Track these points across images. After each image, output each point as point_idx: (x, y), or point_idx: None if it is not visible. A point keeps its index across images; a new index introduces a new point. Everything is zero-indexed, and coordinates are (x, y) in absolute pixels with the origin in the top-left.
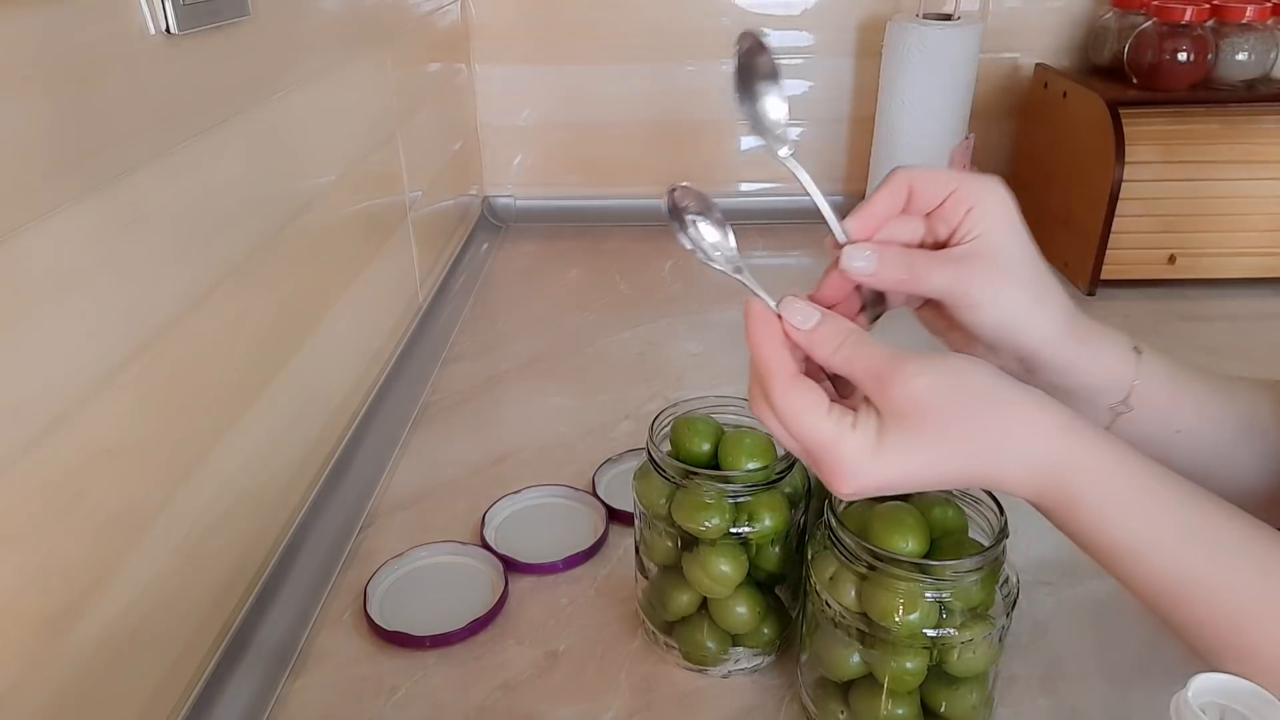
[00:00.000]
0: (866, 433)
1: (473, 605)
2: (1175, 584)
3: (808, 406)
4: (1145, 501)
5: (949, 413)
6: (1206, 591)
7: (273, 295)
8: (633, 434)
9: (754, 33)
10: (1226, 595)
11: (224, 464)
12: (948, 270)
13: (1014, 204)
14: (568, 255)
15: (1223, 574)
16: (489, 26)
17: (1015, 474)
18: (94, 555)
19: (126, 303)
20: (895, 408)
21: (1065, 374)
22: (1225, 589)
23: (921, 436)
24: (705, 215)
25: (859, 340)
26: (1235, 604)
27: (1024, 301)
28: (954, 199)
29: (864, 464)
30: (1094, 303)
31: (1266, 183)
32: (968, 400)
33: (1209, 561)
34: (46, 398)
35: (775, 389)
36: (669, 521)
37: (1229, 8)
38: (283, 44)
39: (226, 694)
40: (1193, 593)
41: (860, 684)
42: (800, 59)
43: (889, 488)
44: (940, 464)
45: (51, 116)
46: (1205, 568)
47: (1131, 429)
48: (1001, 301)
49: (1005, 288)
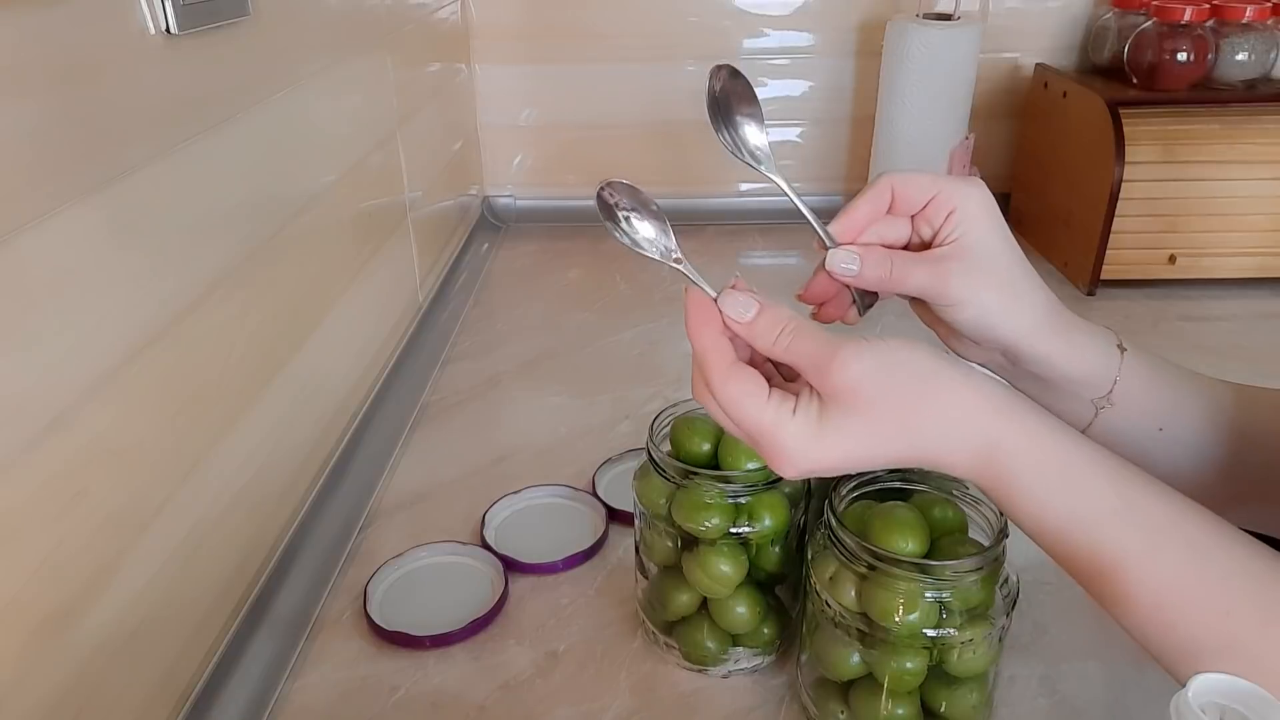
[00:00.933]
0: (807, 417)
1: (473, 605)
2: (1107, 563)
3: (746, 394)
4: (1078, 480)
5: (886, 395)
6: (1137, 569)
7: (273, 295)
8: (633, 434)
9: (728, 66)
10: (1154, 573)
11: (224, 464)
12: (925, 271)
13: (994, 205)
14: (568, 255)
15: (1152, 552)
16: (489, 26)
17: (952, 454)
18: (94, 555)
19: (126, 302)
20: (834, 392)
21: (1047, 367)
22: (1153, 567)
23: (860, 419)
24: (639, 210)
25: (798, 329)
26: (1161, 581)
27: (1000, 298)
28: (935, 203)
29: (804, 448)
30: (1094, 302)
31: (1266, 183)
32: (904, 382)
33: (1140, 541)
34: (46, 397)
35: (714, 378)
36: (669, 521)
37: (1229, 8)
38: (283, 44)
39: (227, 694)
40: (1125, 571)
41: (860, 684)
42: (800, 59)
43: (830, 470)
44: (880, 446)
45: (52, 116)
46: (1136, 546)
47: (1113, 425)
48: (978, 299)
49: (981, 287)
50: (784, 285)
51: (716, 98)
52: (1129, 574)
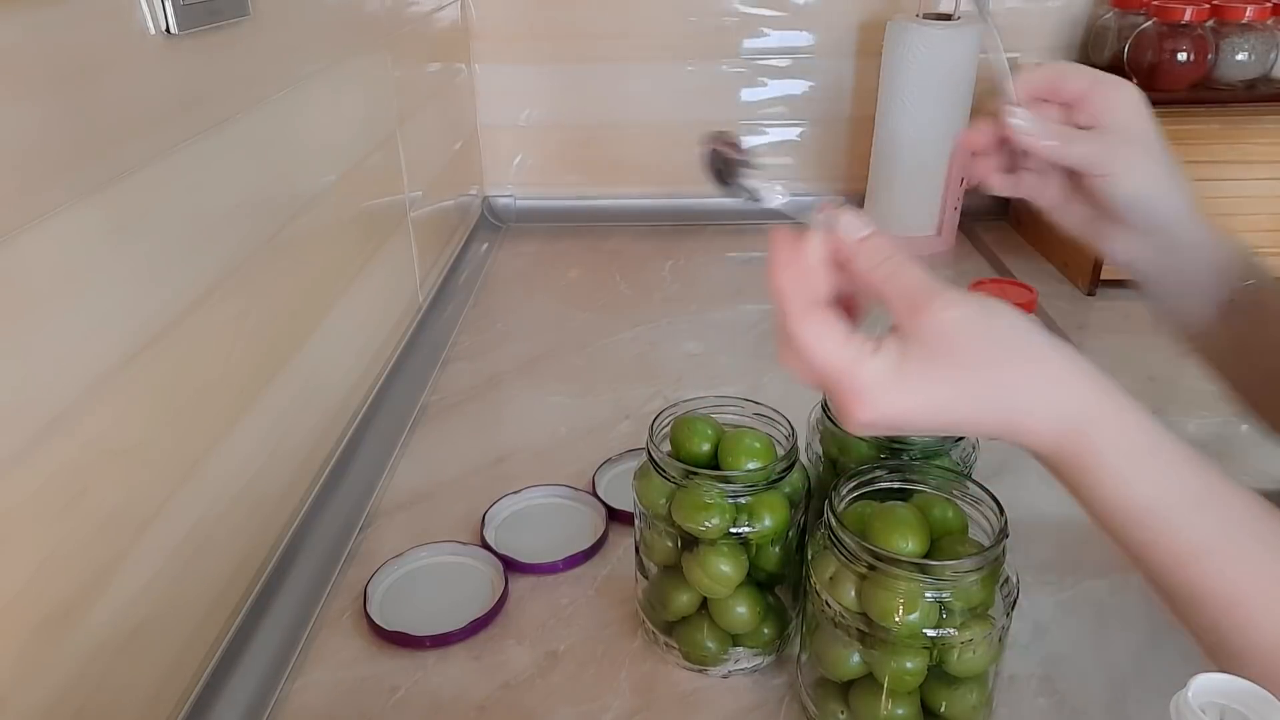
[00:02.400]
0: (887, 358)
1: (473, 605)
2: (1184, 553)
3: (826, 331)
4: (1163, 466)
5: (977, 350)
6: (1212, 563)
7: (273, 295)
8: (633, 434)
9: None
10: (1229, 568)
11: (224, 463)
12: (1092, 142)
13: (1146, 102)
14: (568, 255)
15: (1229, 547)
16: (489, 26)
17: (1036, 424)
18: (94, 555)
19: (127, 303)
20: (923, 335)
21: (1200, 252)
22: (1229, 562)
23: (946, 370)
24: (745, 161)
25: (901, 262)
26: (1240, 573)
27: (1159, 175)
28: (1095, 91)
29: (882, 390)
30: (1094, 303)
31: (1266, 183)
32: (998, 342)
33: (1218, 534)
34: (47, 397)
35: (793, 315)
36: (669, 521)
37: (1229, 8)
38: (283, 44)
39: (226, 694)
40: (1201, 564)
41: (860, 684)
42: (800, 59)
43: (903, 422)
44: (959, 402)
45: (51, 116)
46: (1214, 539)
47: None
48: (1138, 174)
49: (1141, 162)
50: None
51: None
52: (1207, 565)
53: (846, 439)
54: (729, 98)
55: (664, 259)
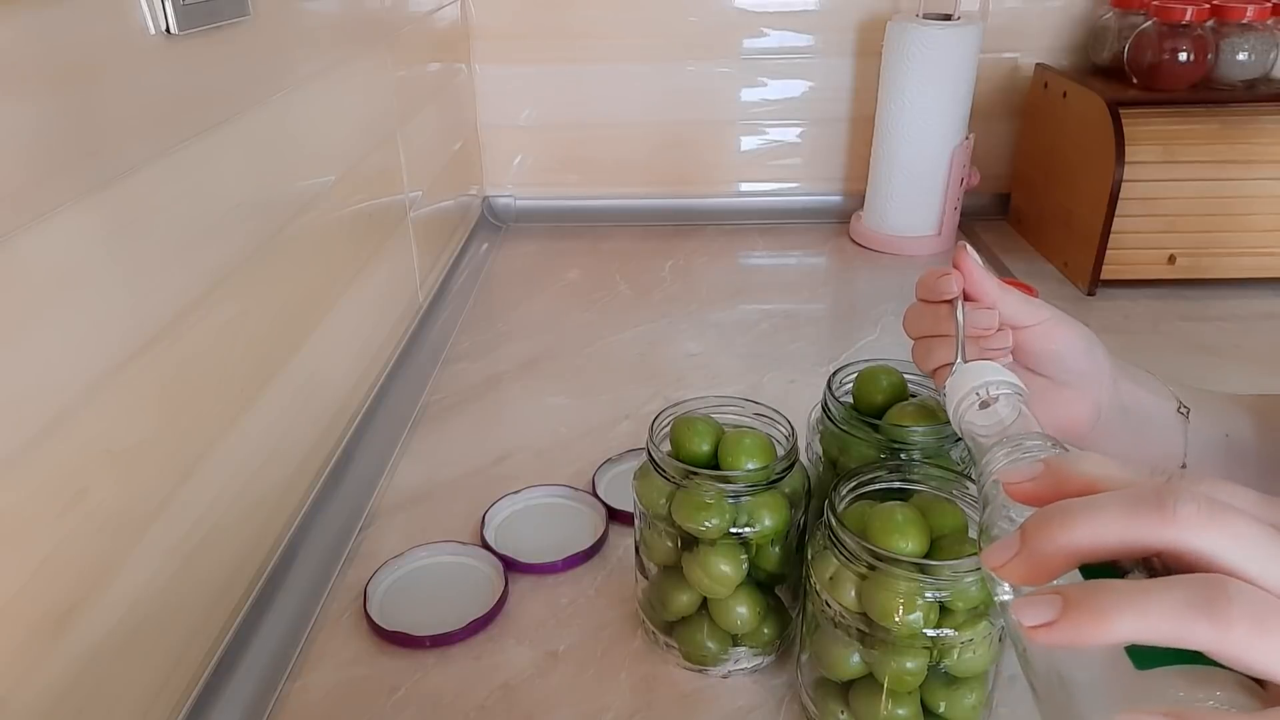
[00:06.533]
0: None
1: (473, 605)
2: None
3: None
4: None
5: None
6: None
7: (273, 295)
8: (633, 434)
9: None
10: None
11: (224, 464)
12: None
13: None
14: (568, 255)
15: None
16: (489, 26)
17: None
18: (94, 555)
19: (126, 302)
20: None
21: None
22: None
23: None
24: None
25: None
26: None
27: (1084, 342)
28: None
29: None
30: (1094, 303)
31: (1266, 183)
32: None
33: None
34: (47, 397)
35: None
36: (669, 521)
37: (1229, 8)
38: (283, 44)
39: (226, 694)
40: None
41: (860, 684)
42: (800, 59)
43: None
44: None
45: (52, 116)
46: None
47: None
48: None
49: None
50: (784, 285)
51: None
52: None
53: (846, 439)
54: (729, 98)
55: (664, 259)
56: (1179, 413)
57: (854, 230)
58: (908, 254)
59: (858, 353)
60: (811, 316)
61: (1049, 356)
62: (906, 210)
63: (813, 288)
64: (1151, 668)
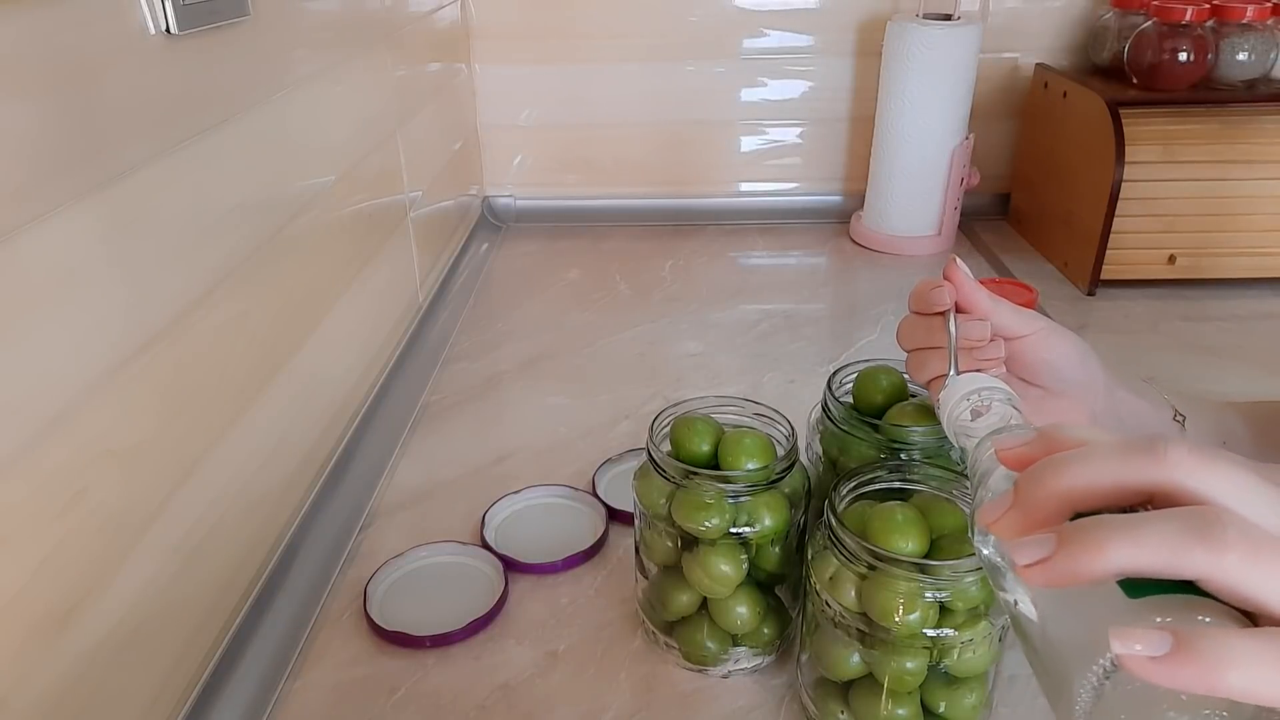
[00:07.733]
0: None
1: (473, 605)
2: None
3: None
4: None
5: None
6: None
7: (273, 295)
8: (633, 434)
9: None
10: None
11: (224, 464)
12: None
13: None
14: (568, 255)
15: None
16: (489, 26)
17: None
18: (94, 555)
19: (126, 302)
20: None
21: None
22: None
23: None
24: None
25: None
26: None
27: (1076, 350)
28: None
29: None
30: (1094, 303)
31: (1266, 183)
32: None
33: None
34: (47, 397)
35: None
36: (669, 521)
37: (1229, 8)
38: (283, 44)
39: (226, 694)
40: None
41: (860, 684)
42: (800, 59)
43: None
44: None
45: (52, 116)
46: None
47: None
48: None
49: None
50: (784, 285)
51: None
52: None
53: (846, 439)
54: (729, 98)
55: (664, 259)
56: (1175, 420)
57: (854, 230)
58: (908, 254)
59: (858, 353)
60: (811, 316)
61: (1043, 366)
62: (906, 210)
63: (812, 288)
64: (1144, 596)
